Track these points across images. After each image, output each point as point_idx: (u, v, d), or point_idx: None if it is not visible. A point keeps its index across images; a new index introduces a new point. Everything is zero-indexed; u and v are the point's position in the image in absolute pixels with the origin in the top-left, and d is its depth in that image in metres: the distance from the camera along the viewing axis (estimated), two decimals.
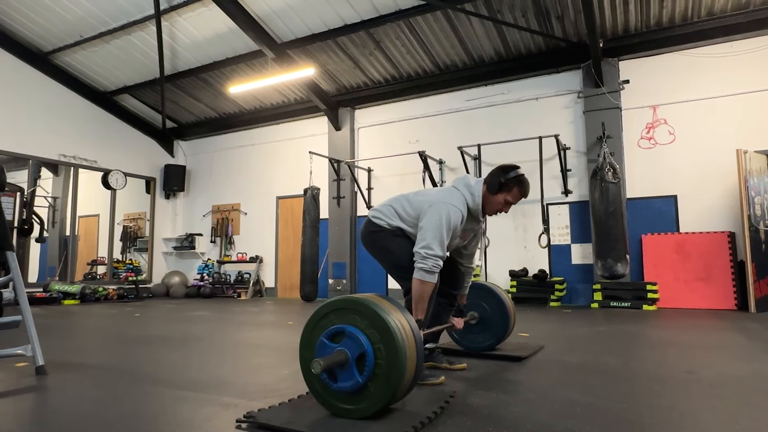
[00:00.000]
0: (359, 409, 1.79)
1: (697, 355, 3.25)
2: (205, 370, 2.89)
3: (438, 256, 2.33)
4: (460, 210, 2.43)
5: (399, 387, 1.75)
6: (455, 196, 2.49)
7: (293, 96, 9.77)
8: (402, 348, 1.76)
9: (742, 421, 1.81)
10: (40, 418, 2.01)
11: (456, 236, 2.51)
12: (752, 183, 6.13)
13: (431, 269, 2.32)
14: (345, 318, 1.87)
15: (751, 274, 5.89)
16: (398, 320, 1.84)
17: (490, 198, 2.54)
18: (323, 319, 1.93)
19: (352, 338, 1.81)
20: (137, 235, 11.48)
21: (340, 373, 1.82)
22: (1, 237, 2.68)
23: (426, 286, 2.34)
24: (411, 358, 1.80)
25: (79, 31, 8.60)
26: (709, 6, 6.56)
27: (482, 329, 3.15)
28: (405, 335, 1.81)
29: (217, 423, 1.85)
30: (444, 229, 2.36)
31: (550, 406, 1.99)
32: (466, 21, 7.26)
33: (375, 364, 1.78)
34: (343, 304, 1.91)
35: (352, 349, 1.81)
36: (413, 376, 1.83)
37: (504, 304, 3.11)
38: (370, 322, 1.82)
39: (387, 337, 1.78)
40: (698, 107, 6.85)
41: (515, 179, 2.51)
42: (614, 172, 6.68)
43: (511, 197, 2.53)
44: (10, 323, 2.62)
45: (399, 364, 1.75)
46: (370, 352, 1.79)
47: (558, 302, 7.14)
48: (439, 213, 2.38)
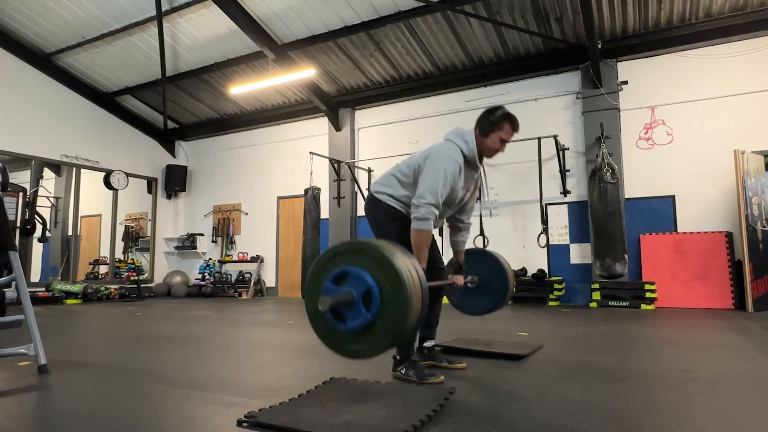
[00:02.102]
0: (367, 348, 1.80)
1: (695, 354, 3.27)
2: (206, 369, 2.91)
3: (430, 203, 2.38)
4: (455, 159, 2.48)
5: (406, 322, 1.76)
6: (450, 147, 2.53)
7: (294, 97, 9.80)
8: (407, 283, 1.76)
9: (739, 419, 1.82)
10: (43, 416, 2.03)
11: (458, 189, 2.55)
12: (749, 183, 6.16)
13: (424, 216, 2.38)
14: (348, 260, 1.88)
15: (748, 274, 5.91)
16: (402, 259, 1.85)
17: (485, 141, 2.58)
18: (327, 264, 1.94)
19: (357, 277, 1.82)
20: (139, 234, 11.52)
21: (347, 314, 1.82)
22: (4, 237, 2.67)
23: (422, 234, 2.39)
24: (416, 295, 1.79)
25: (81, 32, 8.63)
26: (706, 7, 6.58)
27: (481, 293, 3.15)
28: (409, 273, 1.81)
29: (218, 422, 1.86)
30: (439, 180, 2.40)
31: (548, 404, 2.00)
32: (465, 22, 7.29)
33: (381, 301, 1.78)
34: (347, 247, 1.92)
35: (357, 288, 1.81)
36: (419, 315, 1.83)
37: (503, 268, 3.12)
38: (373, 261, 1.82)
39: (391, 274, 1.78)
40: (696, 108, 6.88)
41: (503, 116, 2.56)
42: (613, 173, 6.71)
43: (504, 134, 2.57)
44: (12, 322, 2.61)
45: (405, 299, 1.75)
46: (375, 288, 1.79)
47: (557, 302, 7.17)
48: (435, 164, 2.44)
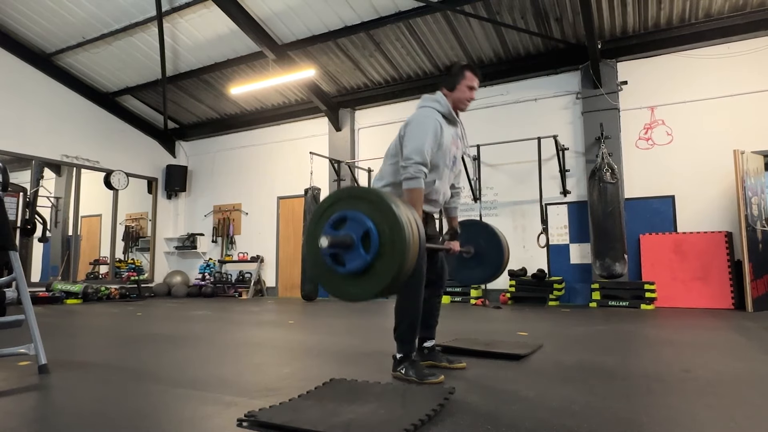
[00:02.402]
0: (366, 290, 1.85)
1: (695, 353, 3.27)
2: (207, 368, 2.92)
3: (417, 162, 2.46)
4: (433, 117, 2.59)
5: (404, 263, 1.80)
6: (425, 110, 2.64)
7: (294, 97, 9.81)
8: (405, 224, 1.81)
9: (738, 419, 1.82)
10: (43, 416, 2.03)
11: (448, 148, 2.64)
12: (749, 183, 6.16)
13: (413, 175, 2.46)
14: (346, 206, 1.93)
15: (748, 274, 5.92)
16: (398, 203, 1.90)
17: (454, 94, 2.70)
18: (327, 211, 1.99)
19: (355, 220, 1.87)
20: (139, 234, 11.53)
21: (347, 256, 1.87)
22: (5, 237, 2.67)
23: (413, 193, 2.48)
24: (414, 237, 1.84)
25: (81, 32, 8.64)
26: (706, 7, 6.59)
27: (478, 263, 3.20)
28: (407, 216, 1.86)
29: (218, 421, 1.86)
30: (422, 138, 2.50)
31: (548, 404, 1.99)
32: (465, 22, 7.30)
33: (380, 241, 1.83)
34: (344, 193, 1.98)
35: (356, 230, 1.86)
36: (417, 257, 1.88)
37: (497, 236, 3.18)
38: (371, 206, 1.87)
39: (389, 216, 1.83)
40: (696, 108, 6.88)
41: (461, 67, 2.72)
42: (612, 173, 6.72)
43: (468, 81, 2.69)
44: (13, 322, 2.61)
45: (403, 238, 1.80)
46: (374, 229, 1.84)
47: (557, 301, 7.17)
48: (415, 127, 2.55)
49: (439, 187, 2.65)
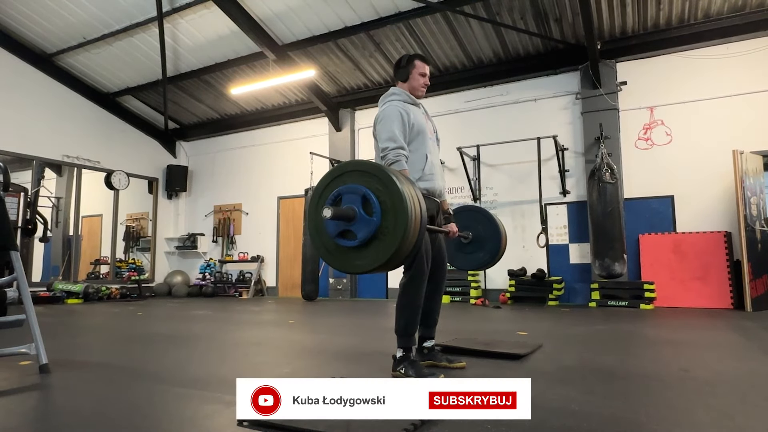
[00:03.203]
0: (374, 258, 1.91)
1: (694, 353, 3.30)
2: (207, 368, 2.94)
3: (393, 147, 2.54)
4: (397, 106, 2.67)
5: (408, 221, 1.86)
6: (387, 104, 2.73)
7: (294, 97, 9.83)
8: (397, 182, 1.89)
9: (737, 418, 1.83)
10: (44, 415, 2.05)
11: (423, 129, 2.72)
12: (748, 183, 6.17)
13: (394, 159, 2.52)
14: (339, 183, 2.00)
15: (747, 274, 5.93)
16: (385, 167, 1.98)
17: (409, 84, 2.80)
18: (324, 191, 2.05)
19: (351, 192, 1.95)
20: (140, 234, 11.54)
21: (355, 227, 1.94)
22: (6, 237, 2.68)
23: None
24: (411, 195, 1.90)
25: (82, 33, 8.66)
26: (705, 8, 6.60)
27: (476, 248, 3.26)
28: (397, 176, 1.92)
29: (218, 421, 1.87)
30: (392, 126, 2.58)
31: (547, 403, 1.99)
32: (465, 23, 7.31)
33: (380, 201, 1.90)
34: (341, 169, 2.04)
35: (354, 201, 1.93)
36: (420, 216, 1.93)
37: (493, 220, 3.25)
38: (364, 174, 1.96)
39: (383, 178, 1.89)
40: (695, 108, 6.89)
41: (410, 58, 2.81)
42: (612, 173, 6.73)
43: (419, 69, 2.79)
44: (14, 322, 2.62)
45: (402, 196, 1.86)
46: (370, 193, 1.92)
47: (556, 301, 7.18)
48: (381, 120, 2.65)
49: (432, 159, 2.73)
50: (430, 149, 2.74)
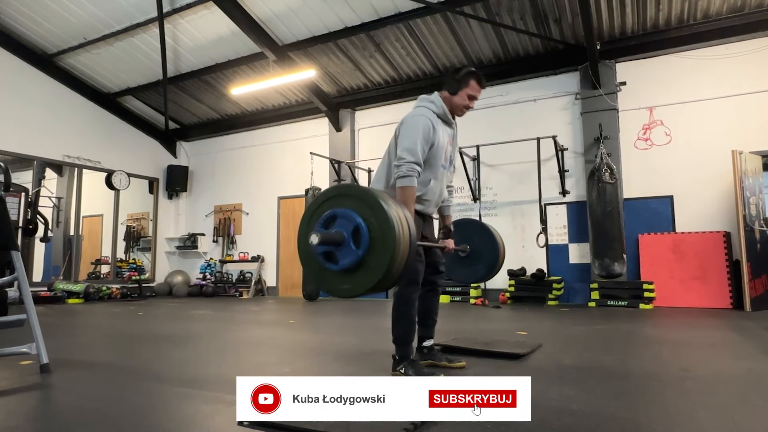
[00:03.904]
0: (358, 286, 1.88)
1: (693, 353, 3.30)
2: (208, 368, 2.95)
3: (410, 161, 2.47)
4: (426, 117, 2.58)
5: (395, 256, 1.83)
6: (419, 110, 2.64)
7: (294, 97, 9.84)
8: (393, 218, 1.84)
9: (736, 418, 1.84)
10: (44, 415, 2.06)
11: (442, 146, 2.64)
12: (747, 183, 6.18)
13: (406, 173, 2.47)
14: (335, 204, 1.97)
15: (746, 274, 5.93)
16: (386, 199, 1.93)
17: (453, 99, 2.69)
18: (317, 211, 2.02)
19: (344, 217, 1.90)
20: (140, 234, 11.56)
21: (339, 253, 1.90)
22: (6, 237, 2.69)
23: (406, 191, 2.48)
24: (403, 231, 1.87)
25: (83, 33, 8.67)
26: (704, 9, 6.61)
27: (474, 261, 3.24)
28: (395, 210, 1.89)
29: (219, 420, 1.88)
30: (415, 138, 2.50)
31: (547, 403, 2.00)
32: (465, 23, 7.32)
33: (370, 236, 1.86)
34: (333, 192, 2.03)
35: (346, 227, 1.89)
36: (408, 250, 1.90)
37: (491, 233, 3.22)
38: (359, 202, 1.91)
39: (377, 210, 1.86)
40: (694, 109, 6.90)
41: (468, 74, 2.67)
42: (611, 173, 6.74)
43: (471, 90, 2.67)
44: (14, 322, 2.62)
45: (392, 232, 1.83)
46: (363, 224, 1.88)
47: (556, 301, 7.20)
48: (408, 127, 2.56)
49: (434, 186, 2.66)
50: (437, 176, 2.66)
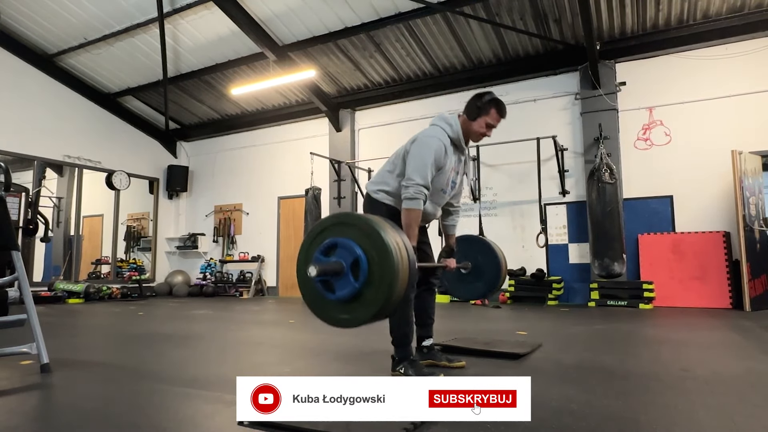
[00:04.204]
0: (356, 317, 1.85)
1: (693, 353, 3.31)
2: (208, 367, 2.96)
3: (419, 184, 2.43)
4: (440, 139, 2.53)
5: (393, 291, 1.81)
6: (434, 130, 2.59)
7: (294, 98, 9.84)
8: (394, 252, 1.81)
9: (736, 418, 1.84)
10: (45, 414, 2.06)
11: (447, 171, 2.59)
12: (747, 183, 6.19)
13: (413, 196, 2.43)
14: (337, 232, 1.94)
15: (746, 274, 5.94)
16: (389, 231, 1.90)
17: (471, 124, 2.63)
18: (317, 237, 1.99)
19: (345, 248, 1.87)
20: (141, 234, 11.57)
21: (337, 283, 1.87)
22: (7, 237, 2.70)
23: (411, 213, 2.44)
24: (403, 265, 1.84)
25: (83, 33, 8.68)
26: (704, 9, 6.61)
27: (475, 278, 3.19)
28: (396, 243, 1.86)
29: (219, 420, 1.89)
30: (426, 160, 2.46)
31: (547, 403, 2.00)
32: (464, 24, 7.33)
33: (369, 269, 1.83)
34: (336, 219, 1.98)
35: (345, 258, 1.86)
36: (406, 285, 1.88)
37: (493, 250, 3.17)
38: (361, 233, 1.87)
39: (379, 244, 1.83)
40: (694, 109, 6.91)
41: (491, 101, 2.61)
42: (611, 173, 6.74)
43: (491, 119, 2.61)
44: (15, 321, 2.62)
45: (392, 268, 1.80)
46: (363, 257, 1.84)
47: (555, 301, 7.20)
48: (420, 146, 2.50)
49: (428, 207, 2.62)
50: (434, 199, 2.63)
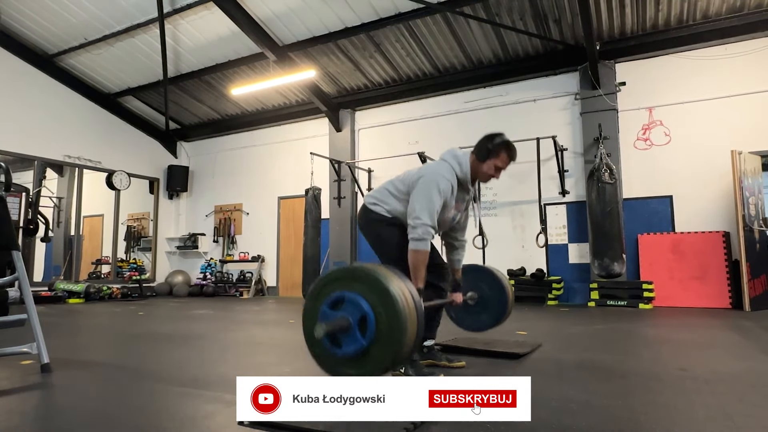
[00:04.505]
0: (364, 372, 1.83)
1: (692, 352, 3.32)
2: (208, 367, 2.97)
3: (427, 224, 2.41)
4: (448, 179, 2.50)
5: (401, 348, 1.79)
6: (443, 167, 2.55)
7: (294, 98, 9.85)
8: (402, 309, 1.80)
9: (735, 417, 1.85)
10: (45, 414, 2.07)
11: (450, 207, 2.57)
12: (746, 183, 6.19)
13: (421, 237, 2.40)
14: (345, 286, 1.91)
15: (745, 273, 5.95)
16: (397, 284, 1.87)
17: (481, 165, 2.60)
18: (324, 289, 1.97)
19: (353, 303, 1.85)
20: (141, 234, 11.58)
21: (344, 339, 1.85)
22: (7, 237, 2.71)
23: (419, 255, 2.42)
24: (411, 320, 1.82)
25: (83, 33, 8.68)
26: (704, 9, 6.62)
27: (482, 309, 3.17)
28: (404, 298, 1.84)
29: (219, 420, 1.89)
30: (433, 199, 2.43)
31: (546, 402, 2.01)
32: (464, 24, 7.33)
33: (376, 327, 1.81)
34: (343, 273, 1.96)
35: (353, 313, 1.84)
36: (414, 339, 1.86)
37: (501, 283, 3.13)
38: (369, 287, 1.85)
39: (386, 300, 1.81)
40: (693, 109, 6.91)
41: (501, 144, 2.57)
42: (611, 173, 6.74)
43: (500, 162, 2.59)
44: (15, 321, 2.63)
45: (400, 325, 1.78)
46: (371, 315, 1.82)
47: (555, 301, 7.21)
48: (428, 184, 2.47)
49: None
50: None
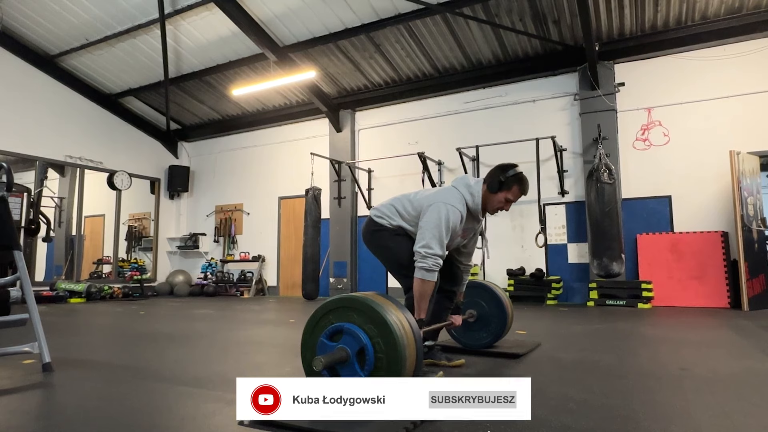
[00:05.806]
0: None
1: (691, 352, 3.33)
2: (209, 367, 2.98)
3: (437, 255, 2.39)
4: (459, 210, 2.48)
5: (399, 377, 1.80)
6: (455, 196, 2.53)
7: (295, 98, 9.87)
8: (401, 341, 1.80)
9: (734, 416, 1.86)
10: (47, 413, 2.08)
11: (456, 235, 2.56)
12: (745, 184, 6.21)
13: (431, 268, 2.38)
14: (343, 316, 1.91)
15: (744, 273, 5.97)
16: (396, 315, 1.88)
17: (491, 197, 2.59)
18: (322, 320, 1.98)
19: (351, 335, 1.85)
20: (142, 234, 11.59)
21: (342, 370, 1.86)
22: (9, 237, 2.72)
23: (426, 285, 2.41)
24: (410, 352, 1.83)
25: (85, 34, 8.70)
26: (702, 10, 6.63)
27: (481, 327, 3.18)
28: (403, 329, 1.84)
29: (219, 419, 1.90)
30: (443, 228, 2.41)
31: (546, 402, 2.01)
32: (464, 25, 7.35)
33: (375, 358, 1.82)
34: (341, 303, 1.95)
35: (351, 345, 1.84)
36: (413, 370, 1.88)
37: (501, 301, 3.15)
38: (367, 318, 1.86)
39: (385, 331, 1.82)
40: (692, 109, 6.93)
41: (514, 177, 2.57)
42: (610, 173, 6.76)
43: (511, 195, 2.58)
44: (17, 321, 2.64)
45: (398, 357, 1.79)
46: (370, 347, 1.83)
47: (555, 300, 7.23)
48: (439, 212, 2.44)
49: None
50: None
